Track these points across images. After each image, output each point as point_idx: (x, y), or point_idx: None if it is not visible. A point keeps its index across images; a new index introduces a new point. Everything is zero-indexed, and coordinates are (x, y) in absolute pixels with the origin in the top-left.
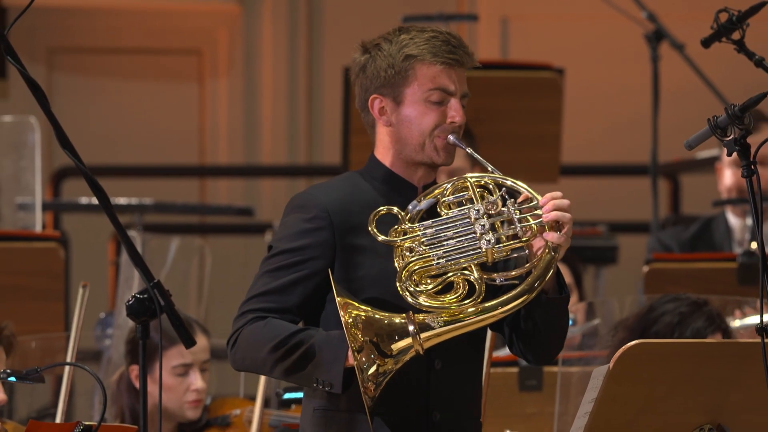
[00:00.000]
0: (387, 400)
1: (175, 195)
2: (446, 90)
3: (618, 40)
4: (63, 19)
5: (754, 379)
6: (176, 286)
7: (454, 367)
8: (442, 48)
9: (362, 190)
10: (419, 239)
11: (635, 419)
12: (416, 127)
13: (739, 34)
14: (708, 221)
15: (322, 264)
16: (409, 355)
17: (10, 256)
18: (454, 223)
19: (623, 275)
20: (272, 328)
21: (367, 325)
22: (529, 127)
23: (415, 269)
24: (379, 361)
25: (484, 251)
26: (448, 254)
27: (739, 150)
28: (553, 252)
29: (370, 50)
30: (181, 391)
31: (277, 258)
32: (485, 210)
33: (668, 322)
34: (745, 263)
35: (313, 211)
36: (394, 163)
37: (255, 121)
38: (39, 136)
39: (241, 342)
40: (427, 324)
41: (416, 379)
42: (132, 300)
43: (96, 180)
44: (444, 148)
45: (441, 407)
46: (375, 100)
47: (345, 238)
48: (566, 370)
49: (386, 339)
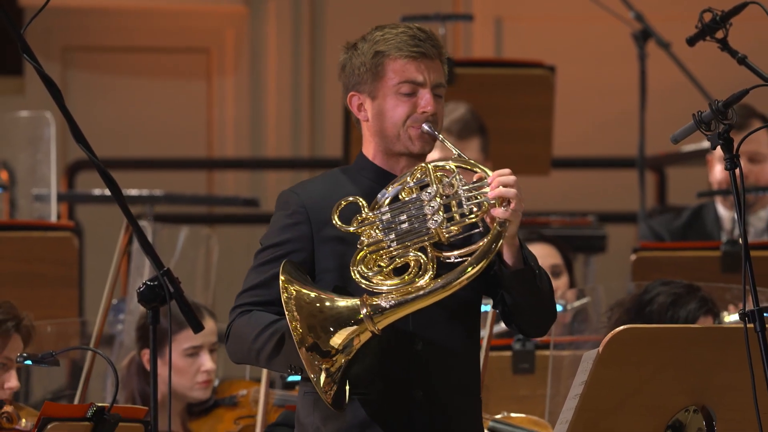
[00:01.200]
0: (369, 382)
1: (184, 186)
2: (414, 81)
3: (607, 39)
4: (77, 19)
5: (737, 362)
6: (185, 274)
7: (436, 346)
8: (408, 42)
9: (342, 185)
10: (376, 225)
11: (623, 401)
12: (389, 119)
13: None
14: (698, 210)
15: (303, 256)
16: (361, 342)
17: (26, 245)
18: (408, 206)
19: (612, 263)
20: (254, 320)
21: (306, 312)
22: (521, 122)
23: (369, 254)
24: (326, 364)
25: (433, 231)
26: (401, 237)
27: (722, 144)
28: (500, 227)
29: (349, 50)
30: (192, 372)
31: (264, 253)
32: (439, 192)
33: (662, 302)
34: (728, 252)
35: (292, 207)
36: (377, 156)
37: (260, 116)
38: (54, 131)
39: (231, 336)
40: (380, 305)
41: (398, 361)
42: (143, 287)
43: (108, 172)
44: (419, 137)
45: (423, 385)
46: (353, 98)
47: (321, 231)
48: (558, 353)
49: (323, 333)
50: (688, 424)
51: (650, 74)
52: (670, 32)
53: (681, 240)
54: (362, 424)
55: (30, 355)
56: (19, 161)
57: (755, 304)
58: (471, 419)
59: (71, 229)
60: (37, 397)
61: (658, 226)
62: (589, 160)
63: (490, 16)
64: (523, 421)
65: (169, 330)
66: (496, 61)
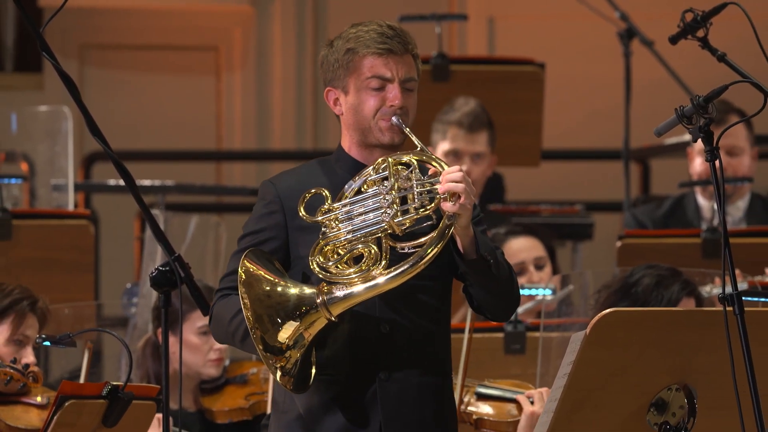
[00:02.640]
0: (336, 364)
1: (194, 177)
2: (382, 77)
3: (593, 37)
4: (93, 18)
5: (717, 343)
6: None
7: (402, 329)
8: (376, 39)
9: (318, 176)
10: (337, 217)
11: (609, 380)
12: (360, 112)
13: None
14: (679, 200)
15: (278, 243)
16: (315, 331)
17: (45, 232)
18: (366, 199)
19: (598, 250)
20: (230, 304)
21: (255, 304)
22: (513, 115)
23: (326, 244)
24: (281, 362)
25: (386, 223)
26: (357, 228)
27: (703, 137)
28: (448, 220)
29: (326, 47)
30: (204, 350)
31: (243, 240)
32: (394, 185)
33: (647, 284)
34: (708, 239)
35: (269, 197)
36: (352, 148)
37: (266, 110)
38: (71, 124)
39: (212, 318)
40: (333, 293)
41: (364, 343)
42: (155, 272)
43: (122, 163)
44: (388, 129)
45: (389, 367)
46: (329, 92)
47: (294, 220)
48: (547, 335)
49: (271, 327)
50: (670, 402)
51: (634, 71)
52: (653, 31)
53: (663, 228)
54: (330, 404)
55: (48, 336)
56: (38, 153)
57: (734, 288)
58: (440, 399)
59: (87, 218)
60: (55, 376)
61: (642, 215)
62: (576, 152)
63: (483, 16)
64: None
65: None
66: (489, 59)
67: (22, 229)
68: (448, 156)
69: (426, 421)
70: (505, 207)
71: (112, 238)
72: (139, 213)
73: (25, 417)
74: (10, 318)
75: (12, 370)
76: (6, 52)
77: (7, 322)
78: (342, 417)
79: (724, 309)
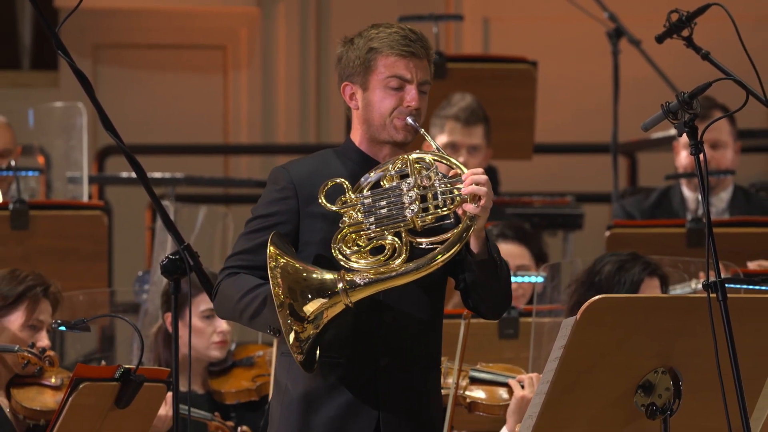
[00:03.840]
0: (339, 347)
1: (203, 170)
2: (402, 77)
3: (583, 37)
4: (106, 19)
5: (701, 328)
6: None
7: (402, 320)
8: (400, 42)
9: (330, 166)
10: (358, 208)
11: (599, 363)
12: (377, 109)
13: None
14: (665, 192)
15: (288, 228)
16: (333, 314)
17: (61, 223)
18: (388, 194)
19: (588, 239)
20: (240, 282)
21: (287, 280)
22: (507, 111)
23: (349, 234)
24: (297, 327)
25: (409, 219)
26: (379, 221)
27: (688, 131)
28: (470, 221)
29: (346, 44)
30: (208, 333)
31: (253, 222)
32: (417, 183)
33: (609, 270)
34: (693, 229)
35: (282, 183)
36: (362, 142)
37: (271, 106)
38: (86, 120)
39: (218, 295)
40: (354, 281)
41: (366, 329)
42: (166, 260)
43: (134, 157)
44: (403, 128)
45: (389, 353)
46: (346, 87)
47: (307, 206)
48: (539, 320)
49: (300, 299)
50: (657, 384)
51: (622, 69)
52: (640, 31)
53: (650, 218)
54: (330, 386)
55: (64, 321)
56: (54, 147)
57: (717, 276)
58: (432, 387)
59: (101, 208)
60: (71, 359)
61: (630, 206)
62: (567, 146)
63: (478, 17)
64: (499, 368)
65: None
66: (484, 57)
67: (38, 219)
68: (445, 149)
69: (420, 406)
70: (499, 198)
71: (124, 228)
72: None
73: (40, 398)
74: (24, 304)
75: (29, 354)
76: (23, 51)
77: (21, 308)
78: (341, 399)
79: (707, 295)
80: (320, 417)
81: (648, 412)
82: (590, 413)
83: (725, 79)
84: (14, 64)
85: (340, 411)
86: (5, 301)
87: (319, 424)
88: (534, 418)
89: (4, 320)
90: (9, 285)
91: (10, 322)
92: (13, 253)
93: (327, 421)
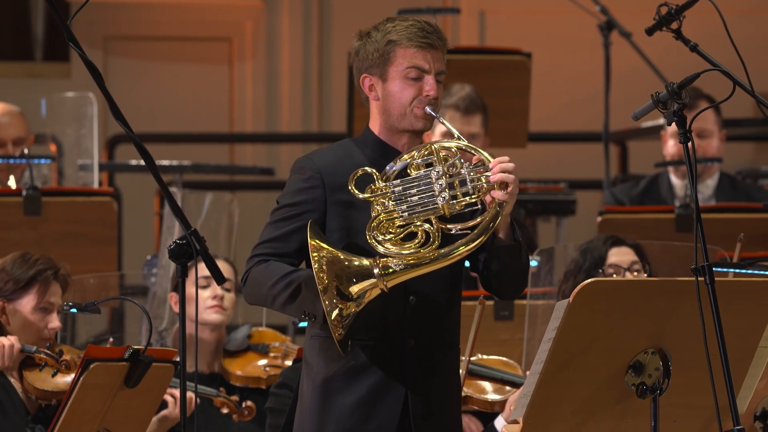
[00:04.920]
0: (368, 329)
1: (209, 157)
2: (421, 68)
3: (576, 29)
4: (116, 12)
5: (690, 310)
6: (209, 233)
7: (427, 303)
8: (417, 34)
9: (353, 155)
10: (389, 195)
11: (591, 344)
12: (397, 99)
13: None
14: (654, 179)
15: (315, 216)
16: (372, 296)
17: (72, 208)
18: (418, 182)
19: (580, 224)
20: (272, 269)
21: (332, 266)
22: (502, 101)
23: (382, 221)
24: (342, 305)
25: (440, 206)
26: (411, 208)
27: (677, 120)
28: (499, 207)
29: (362, 37)
30: (203, 299)
31: (280, 211)
32: (444, 171)
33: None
34: (681, 214)
35: (308, 172)
36: (382, 132)
37: (275, 96)
38: (96, 109)
39: (249, 281)
40: (390, 267)
41: (394, 312)
42: (173, 245)
43: (143, 145)
44: (422, 117)
45: (415, 335)
46: (365, 79)
47: (334, 194)
48: (533, 303)
49: (346, 281)
50: (647, 364)
51: (614, 60)
52: (631, 23)
53: (639, 205)
54: (360, 366)
55: (75, 303)
56: (65, 136)
57: (705, 260)
58: (452, 367)
59: (111, 195)
60: (82, 340)
61: (620, 194)
62: (560, 134)
63: (474, 10)
64: (495, 362)
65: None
66: (480, 49)
67: (51, 205)
68: (445, 137)
69: (443, 385)
70: None
71: (133, 214)
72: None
73: (51, 379)
74: (35, 287)
75: (46, 356)
76: (36, 43)
77: (33, 291)
78: (371, 379)
79: (696, 279)
80: (351, 396)
81: (638, 391)
82: (583, 392)
83: (713, 70)
84: (27, 55)
85: (370, 390)
86: (17, 285)
87: (349, 402)
88: (529, 396)
89: (15, 303)
90: (21, 269)
91: (22, 306)
92: (26, 238)
93: (357, 400)
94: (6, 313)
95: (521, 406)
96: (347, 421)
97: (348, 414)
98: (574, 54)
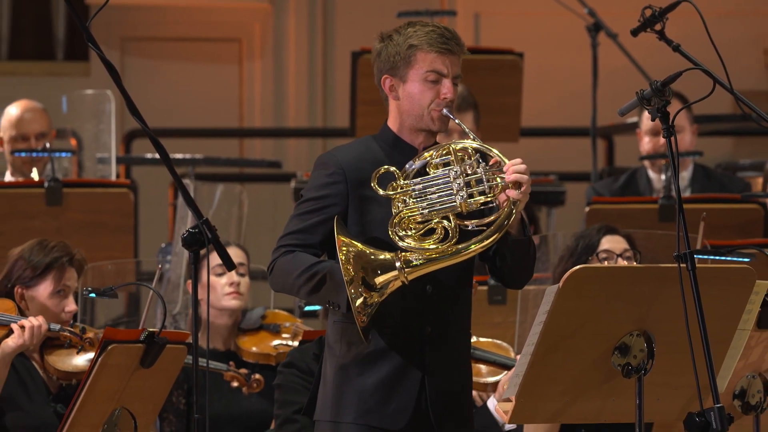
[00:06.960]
0: (388, 317)
1: (220, 151)
2: (440, 72)
3: (565, 30)
4: (133, 14)
5: (673, 296)
6: (220, 223)
7: (442, 292)
8: (438, 39)
9: (373, 151)
10: (409, 193)
11: (579, 327)
12: (417, 101)
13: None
14: (632, 174)
15: (339, 210)
16: (394, 287)
17: (91, 199)
18: (437, 181)
19: (569, 214)
20: (298, 260)
21: (358, 260)
22: (496, 98)
23: (404, 217)
24: (366, 294)
25: (458, 204)
26: (431, 206)
27: (660, 116)
28: (513, 206)
29: (384, 40)
30: (220, 286)
31: (305, 204)
32: (462, 171)
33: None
34: (664, 205)
35: (332, 168)
36: (401, 130)
37: (282, 93)
38: (114, 106)
39: (275, 270)
40: (410, 261)
41: (412, 301)
42: (186, 233)
43: (158, 140)
44: (439, 118)
45: (432, 323)
46: (386, 80)
47: (357, 189)
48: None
49: (371, 273)
50: (632, 346)
51: (601, 59)
52: (617, 25)
53: None
54: (380, 352)
55: (94, 289)
56: (85, 131)
57: (687, 248)
58: (465, 351)
59: (128, 186)
60: (100, 322)
61: (601, 188)
62: (550, 129)
63: (470, 12)
64: (488, 345)
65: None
66: (475, 49)
67: (71, 196)
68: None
69: (457, 369)
70: None
71: (148, 204)
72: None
73: (71, 360)
74: (52, 273)
75: (71, 334)
76: (57, 43)
77: (50, 277)
78: (391, 363)
79: (678, 266)
80: (371, 378)
81: (624, 372)
82: (572, 372)
83: (694, 69)
84: (49, 55)
85: (389, 373)
86: (35, 272)
87: (370, 384)
88: (521, 376)
89: (33, 290)
90: (38, 256)
91: (39, 292)
92: (48, 227)
93: (377, 382)
94: (25, 299)
95: (513, 385)
96: (368, 401)
97: (368, 395)
98: (563, 54)
